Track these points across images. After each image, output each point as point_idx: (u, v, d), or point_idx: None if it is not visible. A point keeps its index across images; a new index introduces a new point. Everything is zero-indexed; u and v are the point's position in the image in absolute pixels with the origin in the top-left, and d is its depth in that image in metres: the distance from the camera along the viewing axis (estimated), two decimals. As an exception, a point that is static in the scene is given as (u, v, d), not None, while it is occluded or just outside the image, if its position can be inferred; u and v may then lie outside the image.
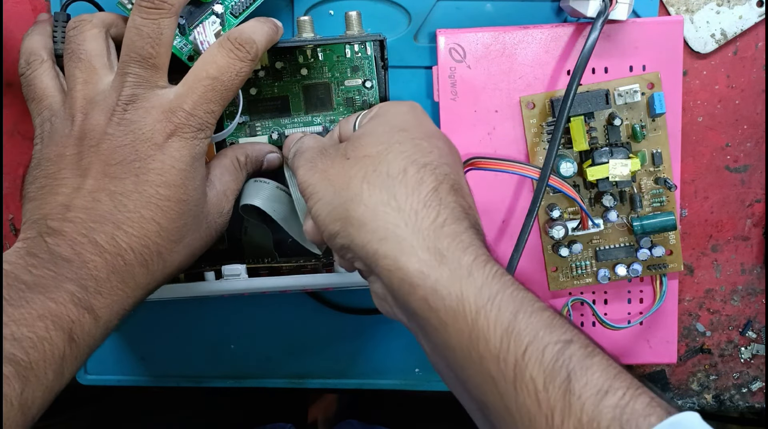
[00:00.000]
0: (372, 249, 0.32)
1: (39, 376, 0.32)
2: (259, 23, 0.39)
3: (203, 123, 0.37)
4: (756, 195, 0.49)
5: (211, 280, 0.43)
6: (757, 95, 0.47)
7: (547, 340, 0.28)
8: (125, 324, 0.51)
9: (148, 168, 0.36)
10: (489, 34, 0.44)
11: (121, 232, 0.35)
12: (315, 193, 0.35)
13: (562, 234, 0.44)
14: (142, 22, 0.36)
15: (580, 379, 0.27)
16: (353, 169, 0.34)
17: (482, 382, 0.28)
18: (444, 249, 0.30)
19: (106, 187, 0.36)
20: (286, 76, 0.44)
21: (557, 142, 0.41)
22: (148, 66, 0.36)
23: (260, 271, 0.45)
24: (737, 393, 0.52)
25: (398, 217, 0.32)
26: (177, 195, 0.37)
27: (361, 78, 0.44)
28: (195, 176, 0.38)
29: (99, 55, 0.38)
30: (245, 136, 0.45)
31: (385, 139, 0.35)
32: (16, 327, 0.32)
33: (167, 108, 0.36)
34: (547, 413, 0.27)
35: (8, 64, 0.46)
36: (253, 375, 0.51)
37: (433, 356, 0.33)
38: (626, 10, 0.42)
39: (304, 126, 0.45)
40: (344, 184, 0.34)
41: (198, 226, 0.39)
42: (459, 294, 0.29)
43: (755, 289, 0.50)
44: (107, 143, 0.36)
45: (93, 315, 0.34)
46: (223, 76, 0.37)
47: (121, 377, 0.51)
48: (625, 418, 0.26)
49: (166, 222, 0.37)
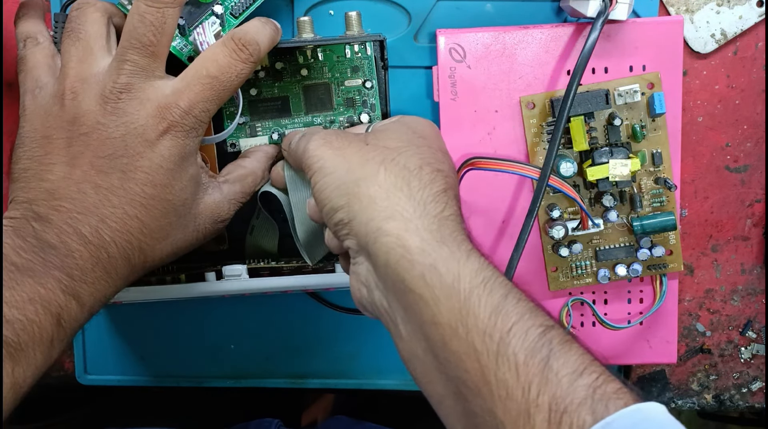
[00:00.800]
0: (375, 226, 0.33)
1: (29, 357, 0.33)
2: (261, 24, 0.39)
3: (197, 122, 0.37)
4: (756, 195, 0.49)
5: (211, 281, 0.43)
6: (757, 95, 0.47)
7: (532, 322, 0.30)
8: (125, 324, 0.51)
9: (135, 165, 0.36)
10: (489, 34, 0.44)
11: (105, 226, 0.36)
12: (324, 167, 0.36)
13: (562, 234, 0.44)
14: (146, 9, 0.36)
15: (559, 359, 0.28)
16: (371, 153, 0.35)
17: (465, 357, 0.30)
18: (446, 235, 0.32)
19: (93, 179, 0.36)
20: (287, 76, 0.44)
21: (557, 142, 0.41)
22: (148, 54, 0.36)
23: (261, 272, 0.45)
24: (737, 393, 0.52)
25: (408, 202, 0.33)
26: (162, 194, 0.37)
27: (362, 78, 0.44)
28: (182, 176, 0.37)
29: (98, 37, 0.38)
30: (246, 136, 0.44)
31: (405, 139, 0.37)
32: (7, 309, 0.32)
33: (162, 103, 0.36)
34: (524, 386, 0.28)
35: (8, 64, 0.46)
36: (253, 375, 0.51)
37: (410, 341, 0.33)
38: (626, 10, 0.42)
39: (305, 126, 0.45)
40: (359, 163, 0.35)
41: (184, 226, 0.39)
42: (456, 273, 0.31)
43: (755, 289, 0.50)
44: (98, 133, 0.36)
45: (79, 301, 0.35)
46: (222, 76, 0.37)
47: (121, 377, 0.51)
48: (596, 397, 0.27)
49: (150, 220, 0.37)
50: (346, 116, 0.45)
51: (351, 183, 0.34)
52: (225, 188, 0.41)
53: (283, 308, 0.50)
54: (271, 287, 0.43)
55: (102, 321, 0.50)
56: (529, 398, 0.28)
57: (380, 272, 0.33)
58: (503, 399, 0.28)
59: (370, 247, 0.33)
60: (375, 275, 0.34)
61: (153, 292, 0.43)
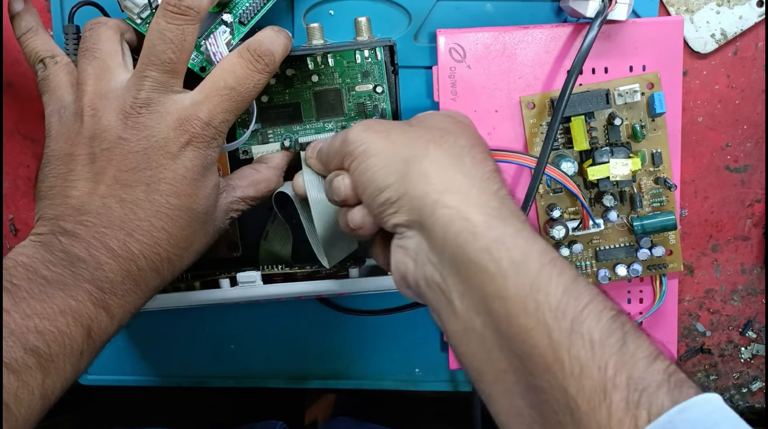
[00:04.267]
0: (432, 199, 0.32)
1: (58, 369, 0.33)
2: (275, 33, 0.39)
3: (217, 132, 0.37)
4: (756, 195, 0.49)
5: (226, 288, 0.43)
6: (757, 95, 0.47)
7: (603, 305, 0.30)
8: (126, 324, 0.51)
9: (159, 177, 0.36)
10: (489, 34, 0.44)
11: (133, 239, 0.36)
12: (368, 150, 0.35)
13: (562, 234, 0.44)
14: (166, 27, 0.36)
15: (635, 342, 0.28)
16: (418, 132, 0.35)
17: (533, 332, 0.29)
18: (508, 214, 0.32)
19: (117, 193, 0.36)
20: (297, 82, 0.44)
21: (552, 138, 0.41)
22: (167, 71, 0.36)
23: (275, 278, 0.45)
24: (737, 393, 0.52)
25: (464, 178, 0.33)
26: (187, 204, 0.37)
27: (372, 83, 0.44)
28: (206, 185, 0.38)
29: (114, 54, 0.38)
30: (257, 143, 0.45)
31: (450, 122, 0.36)
32: (39, 320, 0.33)
33: (183, 116, 0.36)
34: (600, 364, 0.28)
35: (8, 64, 0.46)
36: (254, 375, 0.51)
37: (467, 316, 0.32)
38: (626, 10, 0.42)
39: (316, 132, 0.45)
40: (406, 143, 0.34)
41: (206, 232, 0.39)
42: (525, 249, 0.31)
43: (755, 289, 0.50)
44: (120, 148, 0.36)
45: (109, 314, 0.35)
46: (240, 87, 0.37)
47: (121, 377, 0.51)
48: (672, 382, 0.27)
49: (176, 230, 0.37)
50: (357, 121, 0.45)
51: (399, 162, 0.34)
52: (238, 192, 0.41)
53: (285, 308, 0.50)
54: (285, 293, 0.43)
55: (102, 321, 0.50)
56: (606, 376, 0.28)
57: (436, 244, 0.32)
58: (576, 376, 0.28)
59: (426, 220, 0.33)
60: (429, 248, 0.33)
61: (169, 300, 0.43)
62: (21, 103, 0.46)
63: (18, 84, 0.46)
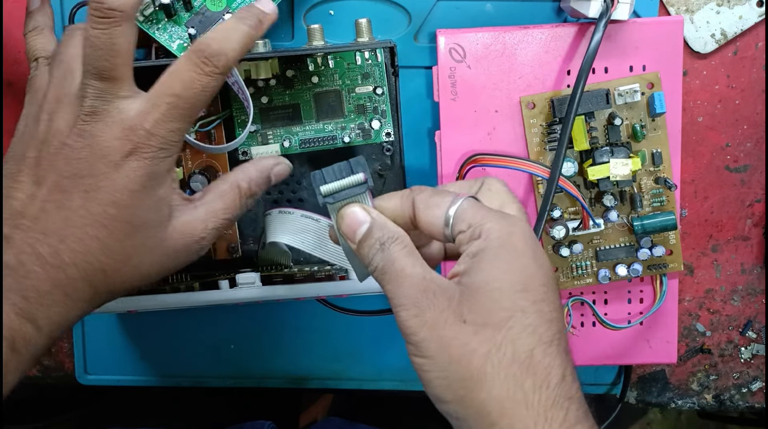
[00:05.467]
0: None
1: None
2: (233, 26, 0.36)
3: (165, 142, 0.35)
4: (756, 195, 0.49)
5: (225, 289, 0.43)
6: (757, 95, 0.47)
7: None
8: (125, 324, 0.51)
9: (98, 185, 0.35)
10: (489, 34, 0.44)
11: (65, 246, 0.35)
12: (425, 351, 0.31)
13: (562, 234, 0.44)
14: (93, 33, 0.34)
15: None
16: (473, 341, 0.31)
17: None
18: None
19: (57, 198, 0.35)
20: (297, 83, 0.44)
21: (564, 146, 0.41)
22: (105, 78, 0.35)
23: (274, 279, 0.44)
24: (737, 393, 0.52)
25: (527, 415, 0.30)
26: (125, 216, 0.35)
27: (372, 85, 0.44)
28: (149, 197, 0.36)
29: (78, 57, 0.36)
30: (257, 144, 0.45)
31: (507, 306, 0.31)
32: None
33: (127, 125, 0.35)
34: None
35: (8, 64, 0.46)
36: (253, 375, 0.51)
37: None
38: (627, 11, 0.42)
39: (316, 133, 0.45)
40: (462, 356, 0.31)
41: (150, 249, 0.37)
42: None
43: (755, 289, 0.50)
44: (64, 153, 0.35)
45: (35, 325, 0.34)
46: (187, 93, 0.35)
47: (121, 377, 0.51)
48: None
49: (112, 241, 0.35)
50: (357, 123, 0.45)
51: (457, 382, 0.31)
52: (201, 209, 0.38)
53: (284, 309, 0.50)
54: (284, 295, 0.43)
55: (102, 321, 0.50)
56: None
57: None
58: None
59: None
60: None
61: (169, 300, 0.43)
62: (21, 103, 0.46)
63: (18, 84, 0.46)
